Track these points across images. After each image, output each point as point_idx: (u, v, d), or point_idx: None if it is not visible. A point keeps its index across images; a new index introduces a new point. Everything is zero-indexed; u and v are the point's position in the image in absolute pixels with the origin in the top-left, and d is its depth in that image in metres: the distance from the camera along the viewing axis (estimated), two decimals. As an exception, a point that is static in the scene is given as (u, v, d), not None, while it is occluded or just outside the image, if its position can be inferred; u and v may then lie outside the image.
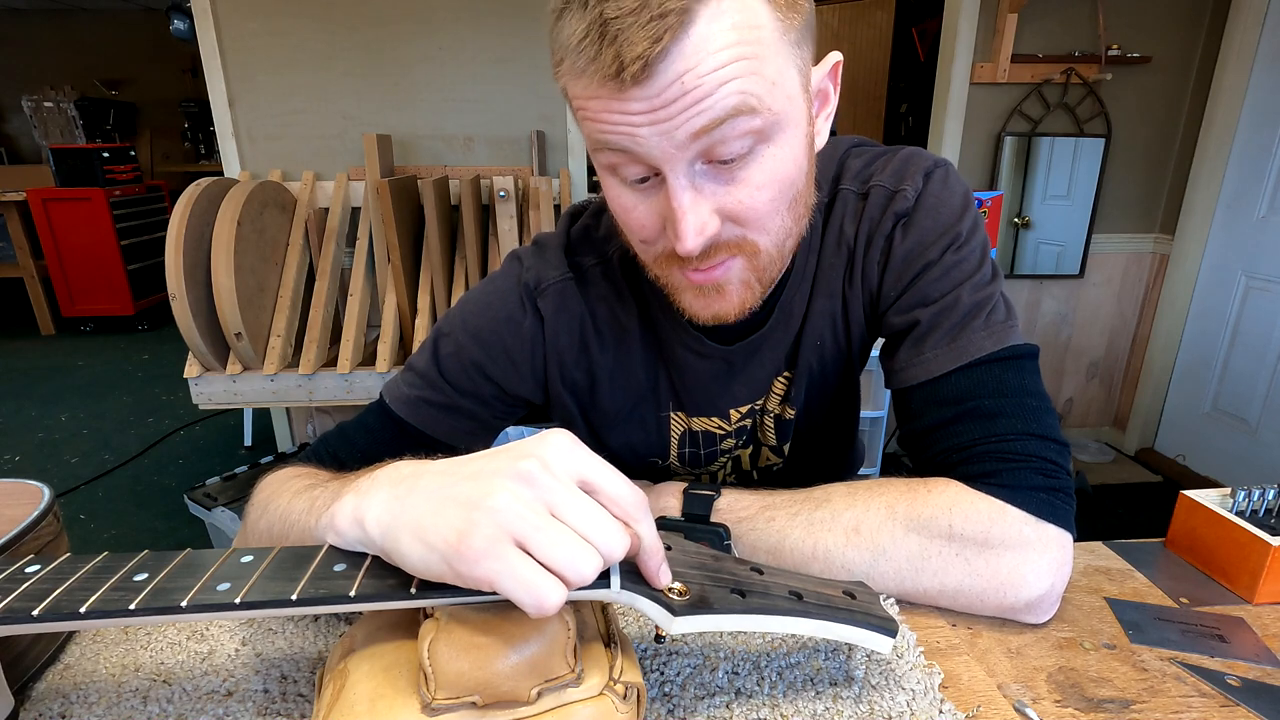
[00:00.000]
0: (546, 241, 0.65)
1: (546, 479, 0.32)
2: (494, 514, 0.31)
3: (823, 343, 0.64)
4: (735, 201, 0.46)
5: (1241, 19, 2.16)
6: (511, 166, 2.23)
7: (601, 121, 0.44)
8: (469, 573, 0.31)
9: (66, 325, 4.34)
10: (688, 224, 0.45)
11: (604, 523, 0.32)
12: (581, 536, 0.31)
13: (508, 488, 0.32)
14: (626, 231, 0.52)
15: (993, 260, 0.58)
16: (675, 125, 0.42)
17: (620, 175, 0.48)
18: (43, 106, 5.10)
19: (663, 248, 0.50)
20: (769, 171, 0.46)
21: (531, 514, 0.31)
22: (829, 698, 0.42)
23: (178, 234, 1.66)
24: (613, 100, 0.42)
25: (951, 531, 0.49)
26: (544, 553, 0.31)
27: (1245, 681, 0.44)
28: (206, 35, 2.03)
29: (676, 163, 0.44)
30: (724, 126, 0.42)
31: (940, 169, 0.58)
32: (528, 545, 0.31)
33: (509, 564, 0.30)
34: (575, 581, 0.31)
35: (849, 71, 3.98)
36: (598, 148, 0.46)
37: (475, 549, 0.30)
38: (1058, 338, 2.62)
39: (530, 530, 0.31)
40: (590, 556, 0.31)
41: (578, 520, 0.32)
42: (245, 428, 2.79)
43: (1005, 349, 0.54)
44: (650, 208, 0.48)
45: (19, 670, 0.42)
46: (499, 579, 0.30)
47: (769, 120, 0.44)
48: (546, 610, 0.30)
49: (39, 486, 0.47)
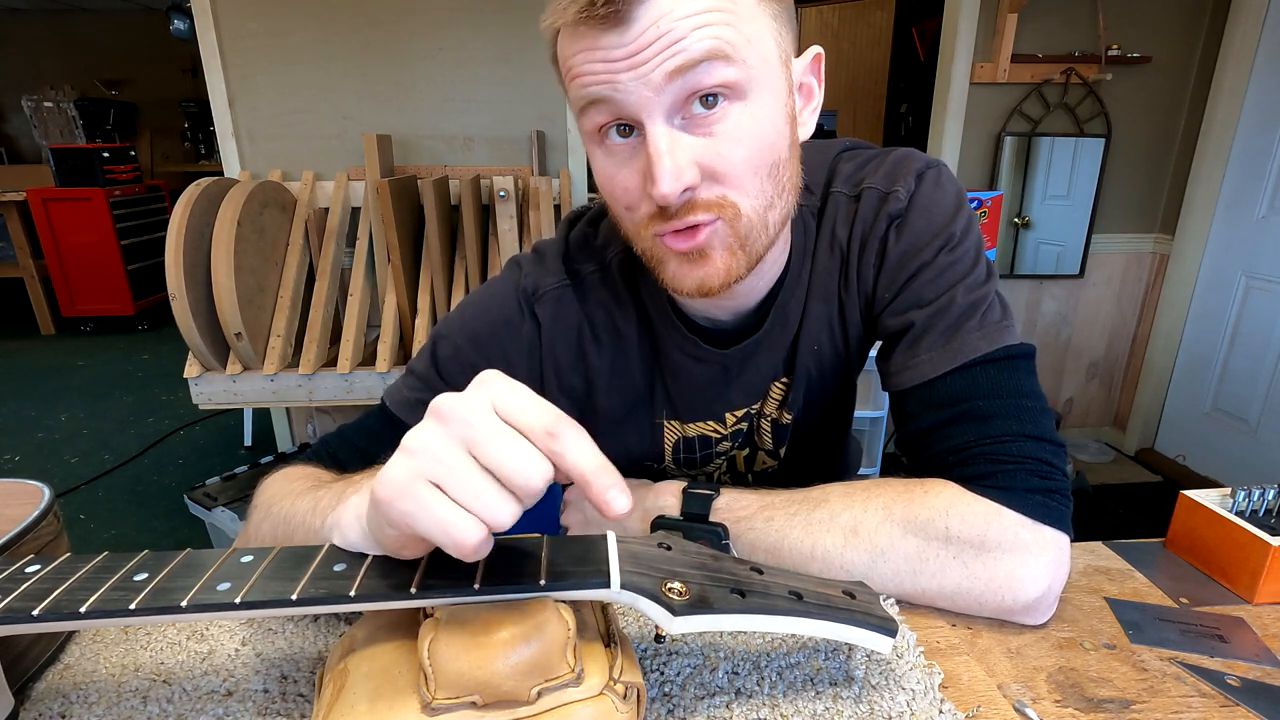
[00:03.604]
0: (545, 249, 0.65)
1: (461, 413, 0.32)
2: (410, 455, 0.31)
3: (820, 347, 0.64)
4: (714, 154, 0.47)
5: (1241, 19, 2.16)
6: (511, 166, 2.22)
7: (585, 74, 0.46)
8: (387, 514, 0.31)
9: (66, 325, 4.34)
10: (664, 166, 0.46)
11: (519, 456, 0.31)
12: (497, 476, 0.31)
13: (425, 427, 0.32)
14: (612, 204, 0.53)
15: (988, 260, 0.58)
16: (651, 68, 0.44)
17: (605, 143, 0.49)
18: (43, 106, 5.10)
19: (645, 211, 0.50)
20: (745, 128, 0.47)
21: (446, 454, 0.31)
22: (829, 698, 0.42)
23: (178, 234, 1.66)
24: (595, 50, 0.45)
25: (949, 534, 0.49)
26: (457, 493, 0.31)
27: (1245, 681, 0.44)
28: (206, 35, 2.03)
29: (654, 109, 0.45)
30: (698, 70, 0.44)
31: (933, 170, 0.58)
32: (442, 485, 0.31)
33: (422, 503, 0.30)
34: (493, 523, 0.31)
35: (849, 71, 4.00)
36: (583, 107, 0.48)
37: (392, 490, 0.31)
38: (1057, 338, 2.62)
39: (444, 471, 0.31)
40: (503, 500, 0.31)
41: (493, 455, 0.31)
42: (245, 428, 2.79)
43: (1000, 350, 0.53)
44: (632, 169, 0.49)
45: (19, 670, 0.42)
46: (414, 520, 0.31)
47: (744, 74, 0.46)
48: (466, 550, 0.30)
49: (39, 486, 0.47)
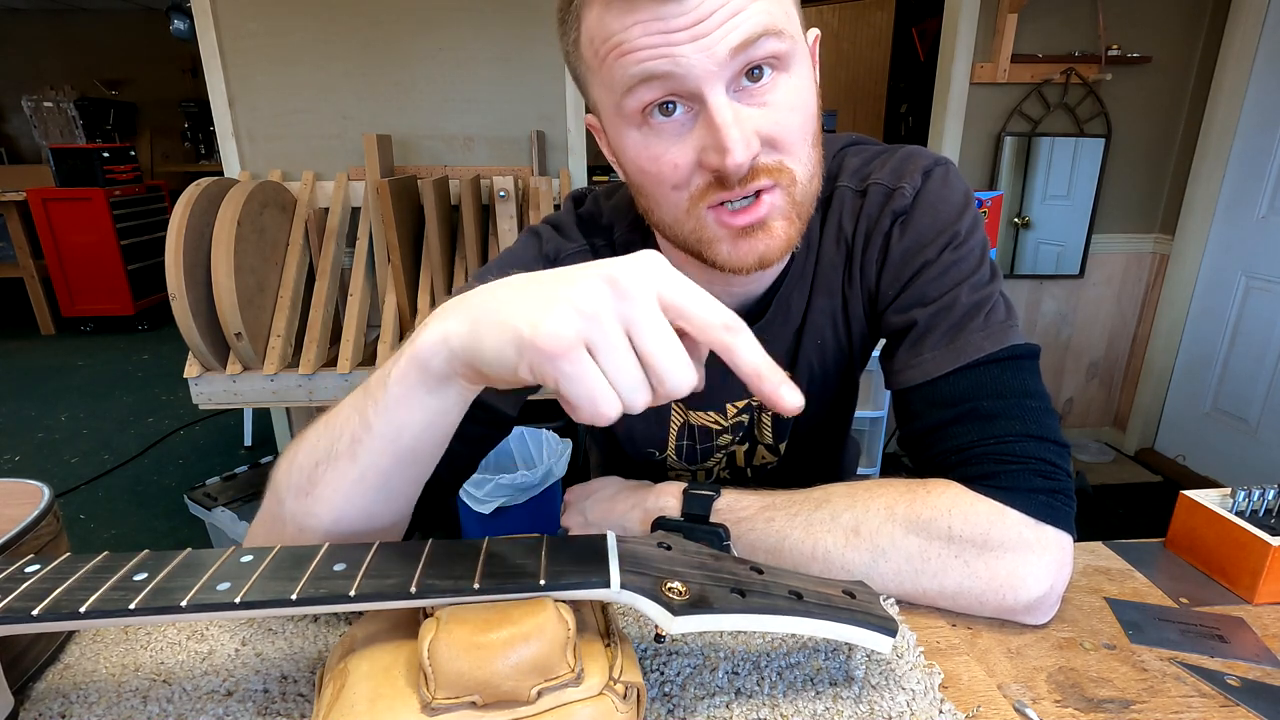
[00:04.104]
0: (561, 220, 0.66)
1: (635, 292, 0.31)
2: (580, 314, 0.31)
3: (823, 341, 0.64)
4: (772, 123, 0.48)
5: (1241, 19, 2.16)
6: (511, 166, 2.22)
7: (641, 49, 0.45)
8: (542, 365, 0.31)
9: (66, 325, 4.34)
10: (733, 136, 0.45)
11: (672, 357, 0.32)
12: (645, 365, 0.31)
13: (597, 288, 0.31)
14: (654, 187, 0.51)
15: (992, 260, 0.58)
16: (715, 41, 0.44)
17: (648, 124, 0.48)
18: (43, 106, 5.10)
19: (699, 185, 0.50)
20: (792, 98, 0.48)
21: (611, 328, 0.31)
22: (829, 698, 0.42)
23: (178, 234, 1.66)
24: (653, 22, 0.44)
25: (951, 533, 0.49)
26: (610, 369, 0.31)
27: (1245, 681, 0.44)
28: (206, 35, 2.03)
29: (715, 81, 0.45)
30: (756, 45, 0.45)
31: (940, 167, 0.58)
32: (597, 355, 0.31)
33: (583, 369, 0.30)
34: (629, 407, 0.31)
35: (849, 71, 4.00)
36: (631, 86, 0.47)
37: (556, 344, 0.30)
38: (1058, 338, 2.62)
39: (605, 345, 0.31)
40: (645, 389, 0.32)
41: (649, 345, 0.31)
42: (245, 428, 2.79)
43: (1004, 349, 0.53)
44: (684, 145, 0.48)
45: (19, 670, 0.42)
46: (567, 382, 0.31)
47: (790, 46, 0.47)
48: (600, 421, 0.31)
49: (39, 486, 0.47)
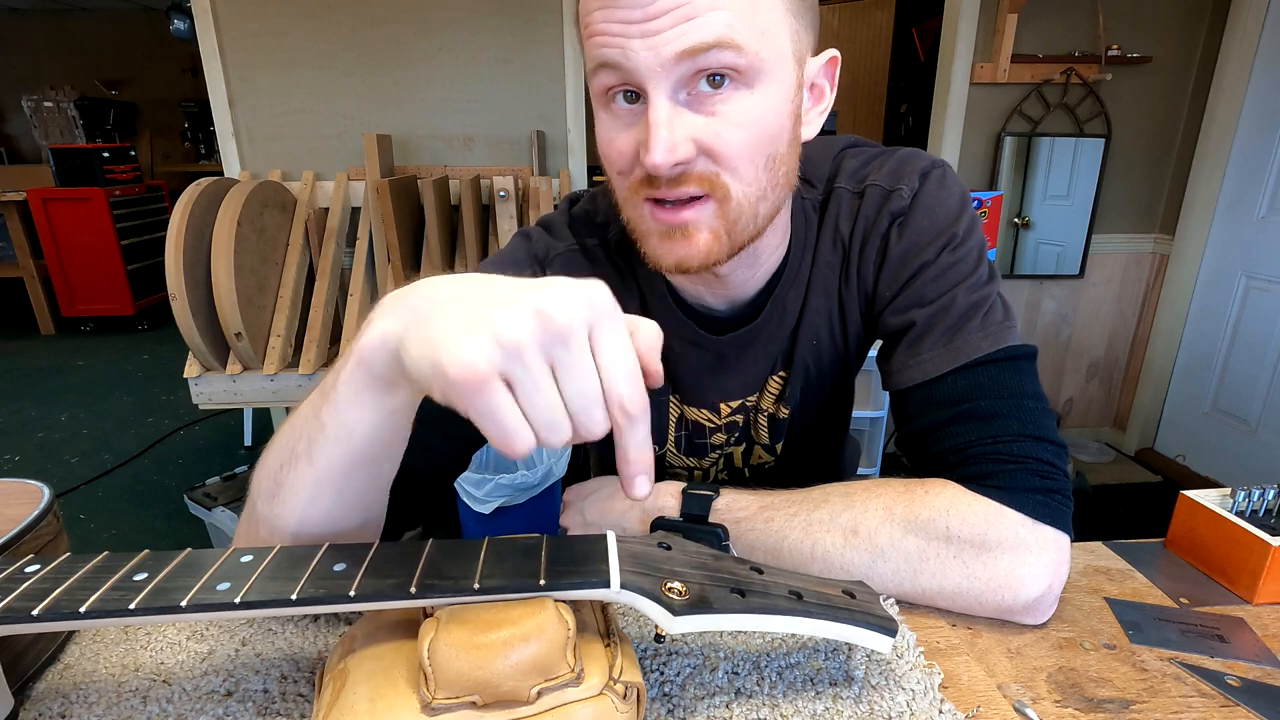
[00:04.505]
0: (551, 221, 0.67)
1: (564, 327, 0.30)
2: (499, 345, 0.29)
3: (819, 342, 0.64)
4: (713, 134, 0.47)
5: (1241, 19, 2.16)
6: (511, 166, 2.22)
7: (600, 34, 0.46)
8: (457, 398, 0.30)
9: (66, 325, 4.34)
10: (658, 137, 0.46)
11: (592, 404, 0.31)
12: (565, 404, 0.31)
13: (524, 318, 0.30)
14: (607, 166, 0.53)
15: (990, 261, 0.58)
16: (664, 41, 0.44)
17: (611, 107, 0.50)
18: (43, 106, 5.10)
19: (637, 176, 0.51)
20: (748, 114, 0.48)
21: (533, 363, 0.30)
22: (829, 698, 0.42)
23: (178, 234, 1.66)
24: (613, 9, 0.45)
25: (949, 533, 0.49)
26: (526, 405, 0.30)
27: (1245, 681, 0.44)
28: (206, 35, 2.03)
29: (660, 81, 0.46)
30: (709, 54, 0.45)
31: (937, 169, 0.58)
32: (515, 389, 0.30)
33: (497, 406, 0.30)
34: (545, 444, 0.31)
35: (849, 71, 3.99)
36: (594, 69, 0.48)
37: (470, 377, 0.29)
38: (1058, 338, 2.62)
39: (525, 380, 0.30)
40: (564, 429, 0.31)
41: (571, 388, 0.31)
42: (245, 428, 2.79)
43: (1002, 350, 0.53)
44: (630, 135, 0.49)
45: (19, 670, 0.42)
46: (481, 417, 0.30)
47: (753, 63, 0.46)
48: (510, 455, 0.30)
49: (39, 486, 0.47)
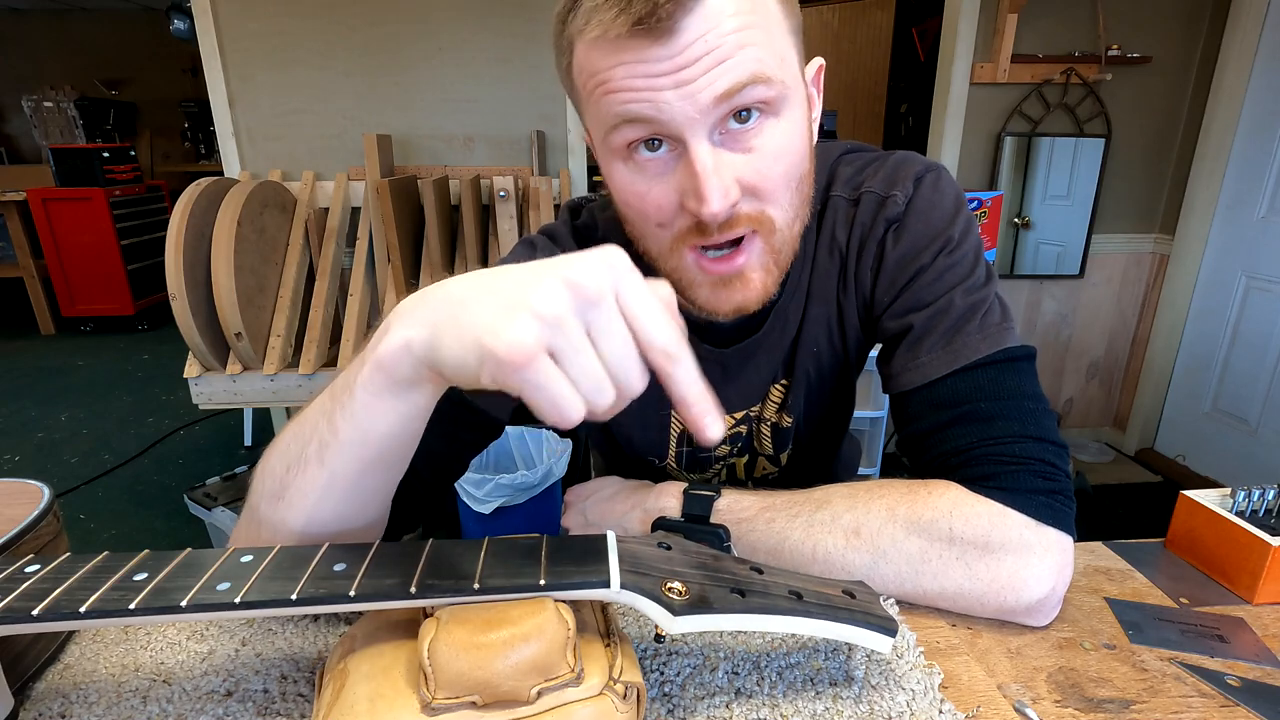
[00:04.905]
0: (555, 230, 0.66)
1: (596, 294, 0.31)
2: (540, 321, 0.30)
3: (819, 350, 0.64)
4: (753, 171, 0.47)
5: (1241, 19, 2.16)
6: (511, 166, 2.22)
7: (623, 90, 0.44)
8: (506, 376, 0.30)
9: (66, 325, 4.34)
10: (711, 185, 0.45)
11: (629, 362, 0.32)
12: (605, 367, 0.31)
13: (558, 291, 0.31)
14: (639, 221, 0.52)
15: (987, 263, 0.58)
16: (699, 88, 0.43)
17: (634, 159, 0.48)
18: (43, 106, 5.10)
19: (681, 226, 0.49)
20: (780, 144, 0.47)
21: (573, 331, 0.31)
22: (829, 698, 0.42)
23: (178, 234, 1.66)
24: (637, 64, 0.43)
25: (952, 534, 0.49)
26: (574, 373, 0.31)
27: (1245, 681, 0.44)
28: (206, 35, 2.03)
29: (698, 128, 0.45)
30: (743, 93, 0.44)
31: (931, 173, 0.58)
32: (560, 360, 0.31)
33: (547, 378, 0.30)
34: (595, 411, 0.31)
35: (849, 71, 4.00)
36: (615, 125, 0.46)
37: (518, 354, 0.29)
38: (1058, 338, 2.62)
39: (568, 349, 0.30)
40: (610, 391, 0.31)
41: (608, 349, 0.31)
42: (245, 428, 2.79)
43: (1001, 351, 0.53)
44: (667, 185, 0.48)
45: (19, 670, 0.42)
46: (532, 391, 0.30)
47: (780, 92, 0.46)
48: (566, 424, 0.31)
49: (39, 486, 0.47)
